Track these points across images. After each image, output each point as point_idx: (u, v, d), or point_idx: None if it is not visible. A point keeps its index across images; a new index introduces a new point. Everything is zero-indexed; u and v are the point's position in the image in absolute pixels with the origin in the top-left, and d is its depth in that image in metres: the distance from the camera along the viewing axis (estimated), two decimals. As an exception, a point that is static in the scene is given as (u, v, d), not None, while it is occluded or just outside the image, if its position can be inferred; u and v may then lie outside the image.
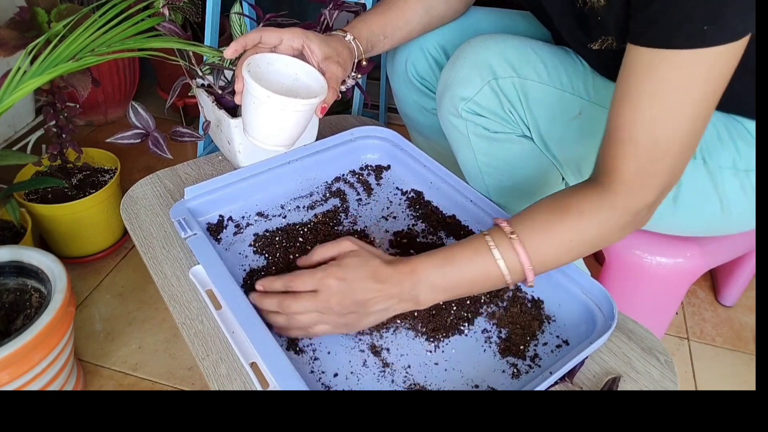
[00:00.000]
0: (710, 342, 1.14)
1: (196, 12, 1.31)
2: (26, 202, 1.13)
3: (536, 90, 0.73)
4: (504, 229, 0.60)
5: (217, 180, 0.77)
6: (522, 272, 0.59)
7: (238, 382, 0.59)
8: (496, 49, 0.73)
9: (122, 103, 1.70)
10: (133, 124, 0.75)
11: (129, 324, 1.12)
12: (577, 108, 0.74)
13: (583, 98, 0.74)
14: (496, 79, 0.72)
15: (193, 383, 1.02)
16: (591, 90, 0.74)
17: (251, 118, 0.66)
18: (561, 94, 0.74)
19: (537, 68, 0.73)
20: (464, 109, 0.75)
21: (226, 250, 0.74)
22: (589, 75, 0.75)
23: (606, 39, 0.66)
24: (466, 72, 0.74)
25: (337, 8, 0.83)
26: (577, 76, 0.75)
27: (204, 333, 0.64)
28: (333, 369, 0.60)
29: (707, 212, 0.75)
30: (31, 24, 1.01)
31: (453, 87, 0.75)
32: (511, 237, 0.59)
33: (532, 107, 0.74)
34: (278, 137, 0.67)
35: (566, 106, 0.74)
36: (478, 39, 0.76)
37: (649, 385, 0.61)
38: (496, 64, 0.73)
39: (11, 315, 0.89)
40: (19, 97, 0.73)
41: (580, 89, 0.74)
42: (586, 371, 0.62)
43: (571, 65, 0.75)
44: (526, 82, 0.73)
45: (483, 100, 0.74)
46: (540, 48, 0.75)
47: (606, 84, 0.75)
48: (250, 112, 0.65)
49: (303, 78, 0.72)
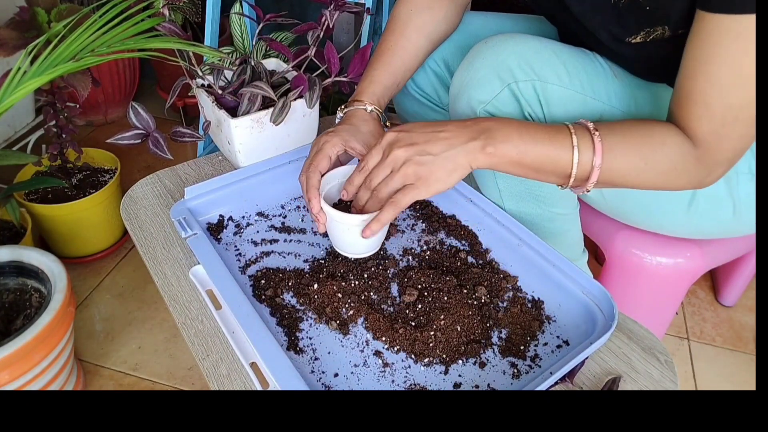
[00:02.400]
0: (710, 342, 1.14)
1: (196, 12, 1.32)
2: (26, 202, 1.13)
3: (557, 93, 0.70)
4: (587, 125, 0.61)
5: (217, 180, 0.77)
6: (589, 171, 0.60)
7: (238, 382, 0.59)
8: (515, 50, 0.70)
9: (122, 103, 1.70)
10: (133, 124, 0.75)
11: (129, 324, 1.12)
12: (598, 112, 0.72)
13: (604, 102, 0.72)
14: (516, 82, 0.69)
15: (193, 383, 1.02)
16: (612, 94, 0.72)
17: (347, 241, 0.70)
18: (582, 98, 0.71)
19: (558, 71, 0.70)
20: (482, 112, 0.72)
21: (226, 250, 0.74)
22: (610, 78, 0.73)
23: (653, 30, 0.65)
24: (484, 73, 0.71)
25: (338, 9, 0.83)
26: (598, 78, 0.72)
27: (204, 333, 0.64)
28: (333, 369, 0.60)
29: (720, 216, 0.75)
30: (31, 24, 1.01)
31: (470, 89, 0.72)
32: (593, 133, 0.60)
33: (552, 111, 0.71)
34: (374, 243, 0.71)
35: (587, 110, 0.71)
36: (496, 38, 0.73)
37: (649, 385, 0.61)
38: (516, 66, 0.69)
39: (11, 315, 0.89)
40: (19, 97, 0.73)
41: (600, 93, 0.72)
42: (587, 371, 0.62)
43: (591, 67, 0.73)
44: (546, 85, 0.69)
45: (502, 104, 0.71)
46: (559, 49, 0.72)
47: (626, 87, 0.73)
48: (344, 237, 0.69)
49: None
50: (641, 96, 0.73)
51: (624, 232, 0.90)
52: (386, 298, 0.68)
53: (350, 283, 0.69)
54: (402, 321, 0.65)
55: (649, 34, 0.65)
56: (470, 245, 0.75)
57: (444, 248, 0.75)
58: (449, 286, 0.68)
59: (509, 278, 0.70)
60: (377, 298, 0.68)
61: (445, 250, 0.75)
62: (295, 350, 0.62)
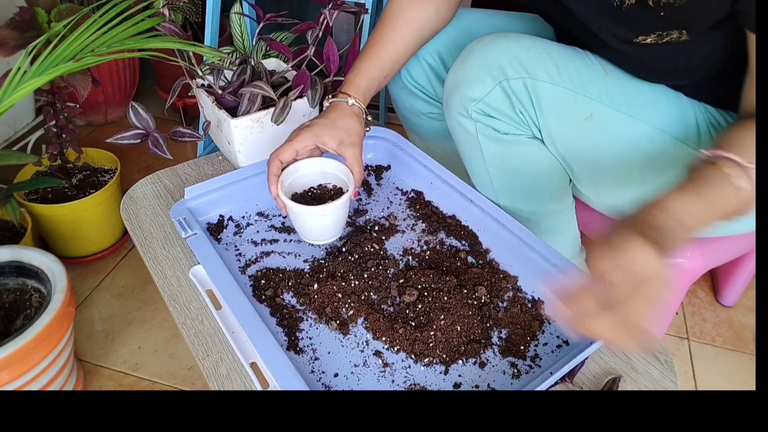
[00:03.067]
0: (710, 342, 1.14)
1: (196, 12, 1.32)
2: (26, 202, 1.13)
3: (548, 91, 0.71)
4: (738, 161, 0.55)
5: (217, 180, 0.77)
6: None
7: (238, 382, 0.59)
8: (506, 48, 0.71)
9: (122, 103, 1.70)
10: (133, 124, 0.75)
11: (129, 324, 1.12)
12: (589, 110, 0.72)
13: (595, 100, 0.72)
14: (507, 80, 0.70)
15: (193, 383, 1.02)
16: (603, 91, 0.73)
17: (303, 228, 0.74)
18: (573, 95, 0.72)
19: (548, 68, 0.71)
20: (474, 110, 0.73)
21: (226, 250, 0.74)
22: (602, 76, 0.73)
23: (668, 33, 0.64)
24: (476, 72, 0.72)
25: (337, 8, 0.83)
26: (590, 76, 0.73)
27: (204, 333, 0.64)
28: (333, 369, 0.60)
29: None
30: (31, 24, 1.01)
31: (462, 87, 0.73)
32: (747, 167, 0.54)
33: (543, 108, 0.72)
34: (329, 232, 0.75)
35: (578, 107, 0.72)
36: (487, 38, 0.74)
37: (649, 385, 0.61)
38: (507, 64, 0.70)
39: (11, 315, 0.89)
40: (19, 97, 0.73)
41: (591, 90, 0.72)
42: (586, 371, 0.62)
43: (583, 66, 0.73)
44: (537, 83, 0.71)
45: (494, 101, 0.72)
46: (551, 47, 0.73)
47: (619, 85, 0.73)
48: (299, 224, 0.74)
49: (329, 170, 0.76)
50: (634, 94, 0.73)
51: (624, 232, 0.89)
52: (386, 298, 0.68)
53: (350, 283, 0.69)
54: (402, 321, 0.65)
55: (662, 36, 0.65)
56: (470, 245, 0.75)
57: (444, 248, 0.75)
58: (449, 286, 0.68)
59: (509, 278, 0.70)
60: (377, 298, 0.68)
61: (445, 250, 0.75)
62: (295, 350, 0.62)
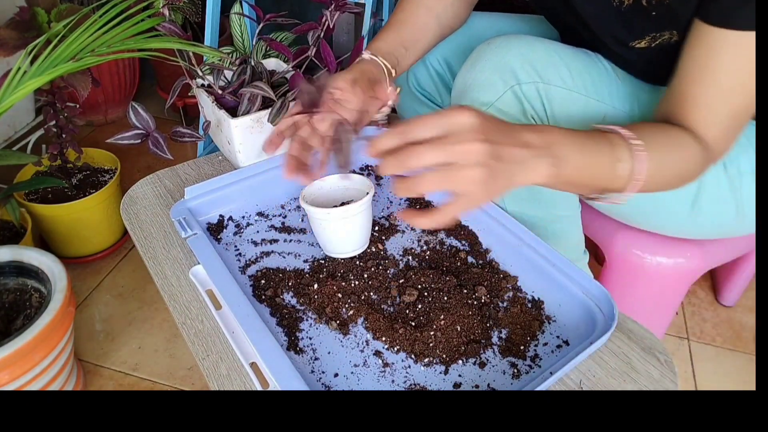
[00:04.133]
0: (710, 342, 1.14)
1: (196, 12, 1.32)
2: (26, 202, 1.13)
3: (560, 96, 0.69)
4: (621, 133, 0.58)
5: (217, 180, 0.77)
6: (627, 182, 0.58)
7: (238, 382, 0.59)
8: (518, 52, 0.69)
9: (122, 103, 1.70)
10: (133, 124, 0.75)
11: (129, 324, 1.12)
12: (601, 114, 0.71)
13: (607, 104, 0.71)
14: (519, 84, 0.68)
15: (193, 383, 1.02)
16: (615, 96, 0.72)
17: (325, 238, 0.71)
18: (585, 100, 0.71)
19: (561, 73, 0.69)
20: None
21: (226, 250, 0.74)
22: (613, 79, 0.73)
23: (660, 35, 0.65)
24: (487, 75, 0.70)
25: (339, 9, 0.83)
26: (601, 81, 0.72)
27: (204, 333, 0.64)
28: (333, 369, 0.60)
29: (723, 217, 0.75)
30: (31, 24, 1.01)
31: (473, 91, 0.71)
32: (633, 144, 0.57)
33: (556, 113, 0.70)
34: (354, 240, 0.71)
35: (590, 112, 0.71)
36: (499, 39, 0.72)
37: (649, 385, 0.61)
38: (519, 68, 0.68)
39: (11, 315, 0.89)
40: (19, 97, 0.73)
41: (604, 95, 0.71)
42: (587, 371, 0.62)
43: (595, 70, 0.72)
44: (550, 87, 0.69)
45: (505, 106, 0.70)
46: (563, 50, 0.71)
47: (629, 89, 0.73)
48: (321, 233, 0.70)
49: (351, 185, 0.75)
50: (643, 98, 0.73)
51: (624, 232, 0.90)
52: (386, 298, 0.68)
53: (350, 283, 0.69)
54: (402, 321, 0.65)
55: (654, 39, 0.66)
56: (470, 245, 0.75)
57: (444, 248, 0.75)
58: (449, 286, 0.68)
59: (509, 278, 0.70)
60: (377, 298, 0.68)
61: (445, 250, 0.75)
62: (295, 350, 0.62)
